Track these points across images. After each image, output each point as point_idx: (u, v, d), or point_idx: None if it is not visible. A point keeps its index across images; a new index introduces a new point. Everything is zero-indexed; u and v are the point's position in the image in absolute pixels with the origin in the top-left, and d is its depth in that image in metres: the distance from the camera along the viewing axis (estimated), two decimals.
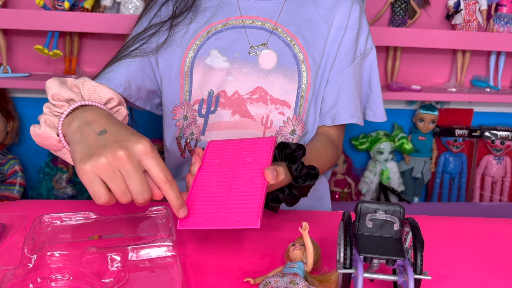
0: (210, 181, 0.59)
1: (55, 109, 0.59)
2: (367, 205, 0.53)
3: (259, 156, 0.61)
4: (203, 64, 0.84)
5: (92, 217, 0.62)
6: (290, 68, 0.84)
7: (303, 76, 0.84)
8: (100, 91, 0.60)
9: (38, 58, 1.41)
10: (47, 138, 0.59)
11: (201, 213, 0.54)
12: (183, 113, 0.87)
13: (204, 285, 0.55)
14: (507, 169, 1.64)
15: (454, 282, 0.59)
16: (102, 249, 0.53)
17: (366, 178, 1.58)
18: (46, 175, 1.46)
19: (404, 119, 1.64)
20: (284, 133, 0.86)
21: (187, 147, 0.87)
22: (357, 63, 0.88)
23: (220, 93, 0.84)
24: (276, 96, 0.84)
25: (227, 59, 0.84)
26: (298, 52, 0.84)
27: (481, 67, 1.62)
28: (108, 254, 0.52)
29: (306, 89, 0.84)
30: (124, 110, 0.63)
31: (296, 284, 0.49)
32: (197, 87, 0.85)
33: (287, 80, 0.83)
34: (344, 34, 0.86)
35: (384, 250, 0.50)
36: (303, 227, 0.56)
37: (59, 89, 0.58)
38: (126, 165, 0.49)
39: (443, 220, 0.79)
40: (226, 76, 0.84)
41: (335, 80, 0.87)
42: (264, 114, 0.84)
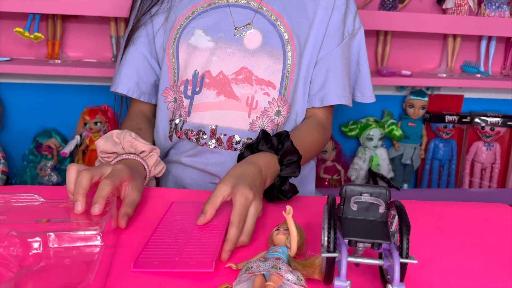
0: (169, 233, 0.61)
1: (105, 160, 0.75)
2: (352, 187, 0.51)
3: (221, 215, 0.63)
4: (187, 44, 0.84)
5: (39, 200, 0.64)
6: (275, 48, 0.82)
7: (288, 56, 0.83)
8: (135, 145, 0.74)
9: (20, 42, 1.37)
10: None
11: (157, 258, 0.55)
12: (173, 95, 0.87)
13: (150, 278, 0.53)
14: (497, 156, 1.64)
15: (442, 266, 0.58)
16: (23, 234, 0.53)
17: (355, 165, 1.57)
18: (30, 162, 1.43)
19: (394, 105, 1.62)
20: (269, 114, 0.84)
21: (175, 129, 0.86)
22: (346, 43, 0.86)
23: (205, 73, 0.83)
24: (261, 76, 0.82)
25: (211, 39, 0.83)
26: (284, 32, 0.83)
27: (472, 52, 1.61)
28: (28, 240, 0.53)
29: (291, 69, 0.83)
30: (155, 155, 0.76)
31: (279, 269, 0.48)
32: (182, 68, 0.85)
33: (272, 60, 0.82)
34: (332, 14, 0.85)
35: (369, 233, 0.49)
36: (287, 211, 0.54)
37: (105, 146, 0.74)
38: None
39: (431, 205, 0.78)
40: (210, 56, 0.83)
41: (324, 61, 0.86)
42: (249, 95, 0.83)
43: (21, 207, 0.63)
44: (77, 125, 1.45)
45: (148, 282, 0.51)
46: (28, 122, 1.44)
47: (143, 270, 0.53)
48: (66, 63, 1.33)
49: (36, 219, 0.60)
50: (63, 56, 1.40)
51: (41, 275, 0.50)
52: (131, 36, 0.87)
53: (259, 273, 0.48)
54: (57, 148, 1.43)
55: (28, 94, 1.43)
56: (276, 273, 0.47)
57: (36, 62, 1.32)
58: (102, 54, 1.42)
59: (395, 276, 0.46)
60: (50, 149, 1.42)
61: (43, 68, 1.29)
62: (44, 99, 1.44)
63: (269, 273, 0.48)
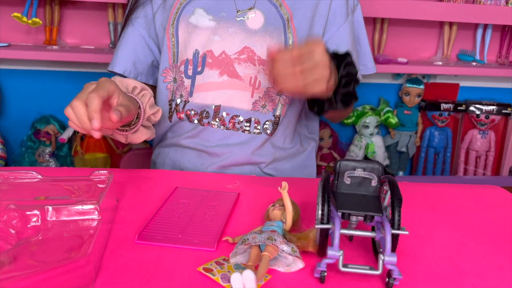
0: (173, 213, 0.62)
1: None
2: (346, 163, 0.53)
3: (223, 204, 0.66)
4: (187, 23, 0.84)
5: (37, 177, 0.64)
6: (277, 28, 0.83)
7: (288, 36, 0.84)
8: (125, 82, 0.75)
9: (18, 28, 1.37)
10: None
11: (161, 233, 0.57)
12: (172, 75, 0.87)
13: (151, 251, 0.55)
14: (491, 144, 1.65)
15: (433, 242, 0.59)
16: (22, 207, 0.54)
17: (351, 152, 1.59)
18: (29, 148, 1.44)
19: (391, 93, 1.63)
20: (271, 93, 0.85)
21: (175, 110, 0.87)
22: (350, 20, 0.88)
23: (207, 53, 0.83)
24: (264, 56, 0.83)
25: (213, 18, 0.83)
26: (284, 13, 0.84)
27: (468, 41, 1.62)
28: (27, 213, 0.54)
29: None
30: (148, 93, 0.76)
31: (274, 240, 0.49)
32: (182, 48, 0.85)
33: (274, 41, 0.83)
34: None
35: (362, 206, 0.50)
36: (283, 187, 0.55)
37: None
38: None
39: (424, 186, 0.80)
40: (212, 36, 0.83)
41: (333, 39, 0.87)
42: (252, 75, 0.83)
43: (20, 184, 0.64)
44: None
45: (147, 255, 0.53)
46: (26, 108, 1.45)
47: (147, 242, 0.54)
48: (63, 49, 1.34)
49: (34, 196, 0.61)
50: (60, 42, 1.40)
51: (39, 247, 0.51)
52: (129, 17, 0.87)
53: (255, 244, 0.49)
54: (55, 135, 1.44)
55: (26, 80, 1.44)
56: (272, 244, 0.49)
57: (34, 48, 1.33)
58: (99, 41, 1.43)
59: (387, 246, 0.47)
60: (48, 135, 1.43)
61: (41, 54, 1.29)
62: (42, 85, 1.45)
63: (264, 245, 0.49)
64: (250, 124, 0.85)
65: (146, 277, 0.49)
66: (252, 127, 0.85)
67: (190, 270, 0.50)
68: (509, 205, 0.73)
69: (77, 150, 1.46)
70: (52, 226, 0.54)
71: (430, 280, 0.51)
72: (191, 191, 0.69)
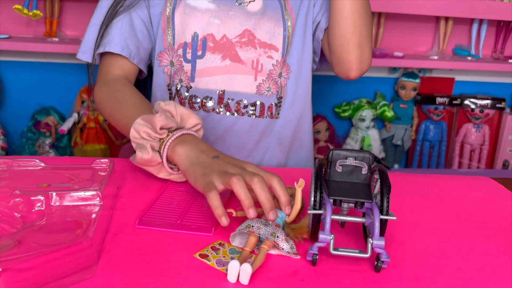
0: (172, 200, 0.64)
1: (155, 135, 0.64)
2: (338, 152, 0.55)
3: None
4: (184, 4, 0.83)
5: (40, 165, 0.66)
6: (275, 11, 0.84)
7: (286, 18, 0.85)
8: (191, 118, 0.67)
9: (18, 20, 1.39)
10: (152, 161, 0.65)
11: (160, 219, 0.59)
12: (169, 58, 0.85)
13: (150, 236, 0.57)
14: (485, 137, 1.68)
15: (421, 228, 0.62)
16: (27, 193, 0.56)
17: (347, 145, 1.61)
18: (29, 139, 1.46)
19: (387, 87, 1.66)
20: (274, 76, 0.86)
21: (177, 95, 0.86)
22: None
23: (207, 36, 0.83)
24: (264, 39, 0.84)
25: (212, 0, 0.83)
26: None
27: (464, 36, 1.64)
28: (31, 198, 0.56)
29: (292, 31, 0.85)
30: (202, 129, 0.69)
31: (277, 237, 0.51)
32: (179, 30, 0.83)
33: (273, 23, 0.84)
34: None
35: (352, 193, 0.53)
36: (299, 184, 0.57)
37: (165, 121, 0.64)
38: (255, 178, 0.55)
39: (415, 177, 0.82)
40: (212, 19, 0.83)
41: (318, 4, 0.86)
42: (254, 58, 0.84)
43: (23, 171, 0.66)
44: (75, 103, 1.48)
45: (146, 239, 0.55)
46: (26, 100, 1.47)
47: (147, 227, 0.57)
48: (64, 41, 1.35)
49: (37, 183, 0.64)
50: (60, 34, 1.42)
51: (43, 230, 0.53)
52: (120, 1, 0.81)
53: (257, 235, 0.52)
54: (55, 126, 1.46)
55: (27, 72, 1.45)
56: (274, 241, 0.51)
57: (34, 40, 1.34)
58: None
59: (375, 230, 0.50)
60: (48, 127, 1.45)
61: (41, 46, 1.31)
62: (43, 77, 1.47)
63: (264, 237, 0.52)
64: (256, 108, 0.86)
65: (145, 260, 0.51)
66: (257, 111, 0.86)
67: (188, 254, 0.52)
68: (499, 195, 0.76)
69: (76, 141, 1.48)
70: (55, 211, 0.57)
71: (417, 263, 0.53)
72: None
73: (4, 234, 0.54)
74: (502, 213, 0.68)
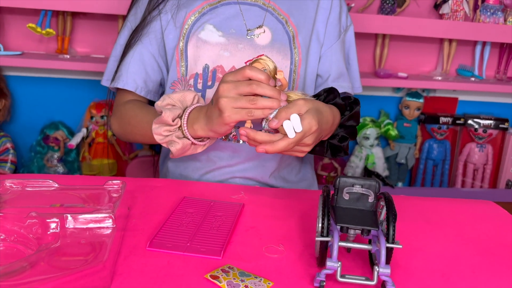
0: (181, 222, 0.66)
1: (173, 128, 0.75)
2: (345, 179, 0.57)
3: (228, 214, 0.70)
4: (197, 38, 0.87)
5: (54, 185, 0.69)
6: (284, 44, 0.87)
7: (294, 52, 0.88)
8: (188, 96, 0.77)
9: (30, 37, 1.42)
10: (184, 148, 0.76)
11: (170, 241, 0.61)
12: (181, 87, 0.87)
13: (143, 257, 0.58)
14: (489, 157, 1.69)
15: (426, 255, 0.63)
16: (42, 215, 0.58)
17: (352, 163, 1.62)
18: (38, 153, 1.48)
19: (391, 106, 1.67)
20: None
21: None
22: (342, 39, 0.93)
23: (217, 68, 0.87)
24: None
25: (222, 34, 0.87)
26: (290, 30, 0.88)
27: (467, 56, 1.66)
28: (47, 220, 0.58)
29: (298, 64, 0.88)
30: (199, 96, 0.79)
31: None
32: (191, 62, 0.87)
33: (281, 56, 0.87)
34: (330, 14, 0.91)
35: (359, 220, 0.54)
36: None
37: (172, 113, 0.74)
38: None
39: (420, 200, 0.83)
40: (222, 51, 0.86)
41: (326, 56, 0.91)
42: None
43: (37, 192, 0.68)
44: (84, 118, 1.50)
45: (157, 262, 0.56)
46: (36, 114, 1.49)
47: (157, 249, 0.58)
48: (74, 58, 1.38)
49: (50, 203, 0.65)
50: (72, 51, 1.44)
51: (57, 253, 0.55)
52: (137, 33, 0.89)
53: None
54: (63, 140, 1.48)
55: (37, 87, 1.48)
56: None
57: (46, 57, 1.37)
58: (109, 50, 1.46)
59: (381, 259, 0.51)
60: (57, 141, 1.47)
61: (53, 63, 1.34)
62: (53, 92, 1.49)
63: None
64: None
65: (157, 283, 0.52)
66: None
67: (198, 276, 0.54)
68: (501, 220, 0.77)
69: (84, 156, 1.50)
70: (70, 233, 0.58)
71: None
72: (198, 201, 0.73)
73: (19, 255, 0.55)
74: (504, 239, 0.69)
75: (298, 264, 0.58)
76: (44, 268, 0.52)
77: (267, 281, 0.53)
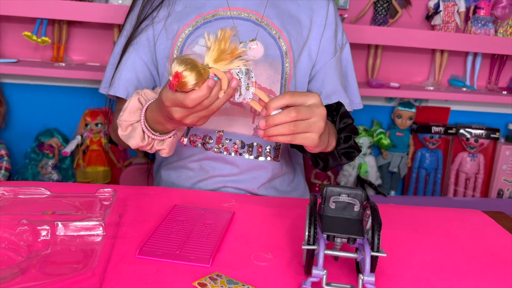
0: (171, 230, 0.67)
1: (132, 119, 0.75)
2: (332, 188, 0.58)
3: (219, 222, 0.70)
4: (191, 52, 0.88)
5: (45, 193, 0.69)
6: (275, 59, 0.88)
7: (285, 67, 0.89)
8: (144, 91, 0.77)
9: (26, 45, 1.43)
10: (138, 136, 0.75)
11: (160, 249, 0.61)
12: None
13: (133, 265, 0.59)
14: (480, 166, 1.71)
15: (412, 263, 0.64)
16: (33, 222, 0.59)
17: (345, 171, 1.64)
18: (32, 160, 1.48)
19: (383, 115, 1.69)
20: None
21: None
22: (338, 57, 0.94)
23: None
24: (264, 85, 0.88)
25: None
26: (283, 45, 0.89)
27: (459, 67, 1.68)
28: (37, 227, 0.59)
29: (288, 79, 0.90)
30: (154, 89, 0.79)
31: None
32: None
33: (273, 70, 0.88)
34: (324, 31, 0.92)
35: (345, 229, 0.55)
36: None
37: (132, 116, 0.75)
38: None
39: (409, 209, 0.84)
40: None
41: (320, 73, 0.93)
42: None
43: (29, 199, 0.69)
44: (79, 126, 1.51)
45: (146, 269, 0.57)
46: (31, 121, 1.50)
47: (147, 257, 0.59)
48: (70, 66, 1.39)
49: (42, 211, 0.66)
50: (67, 59, 1.46)
51: (47, 260, 0.56)
52: (131, 41, 0.90)
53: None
54: (58, 148, 1.48)
55: (33, 94, 1.49)
56: None
57: (41, 65, 1.38)
58: (104, 58, 1.48)
59: (366, 267, 0.52)
60: (52, 148, 1.48)
61: (48, 71, 1.35)
62: (48, 99, 1.50)
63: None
64: (252, 149, 0.89)
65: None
66: (254, 151, 0.89)
67: (186, 284, 0.54)
68: (488, 229, 0.78)
69: (79, 163, 1.50)
70: (60, 240, 0.59)
71: None
72: (189, 209, 0.74)
73: (10, 261, 0.56)
74: (490, 248, 0.70)
75: (286, 272, 0.59)
76: (35, 275, 0.53)
77: None
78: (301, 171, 1.02)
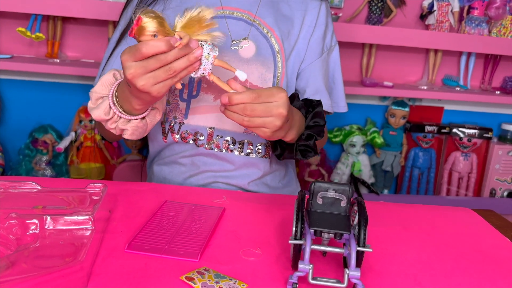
0: (161, 225, 0.67)
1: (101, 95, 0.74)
2: (319, 184, 0.58)
3: (209, 218, 0.71)
4: None
5: (36, 187, 0.70)
6: (267, 58, 0.89)
7: (278, 65, 0.90)
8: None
9: (20, 41, 1.43)
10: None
11: (149, 244, 0.62)
12: (166, 98, 0.91)
13: (122, 260, 0.60)
14: (473, 166, 1.72)
15: (400, 259, 0.65)
16: (22, 216, 0.59)
17: (338, 170, 1.64)
18: (26, 156, 1.48)
19: (377, 114, 1.70)
20: None
21: (170, 131, 0.91)
22: (324, 58, 0.94)
23: (202, 78, 0.88)
24: (255, 83, 0.89)
25: None
26: (274, 43, 0.90)
27: (453, 67, 1.69)
28: (26, 221, 0.59)
29: (281, 77, 0.90)
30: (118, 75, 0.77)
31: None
32: None
33: (264, 69, 0.89)
34: (314, 31, 0.93)
35: (332, 224, 0.56)
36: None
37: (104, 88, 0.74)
38: None
39: (400, 207, 0.85)
40: None
41: (305, 72, 0.93)
42: None
43: (19, 193, 0.69)
44: (73, 122, 1.51)
45: (135, 263, 0.57)
46: (25, 117, 1.50)
47: (136, 252, 0.60)
48: (64, 63, 1.39)
49: (32, 205, 0.66)
50: (62, 55, 1.45)
51: (36, 253, 0.56)
52: (124, 35, 0.89)
53: None
54: (52, 144, 1.48)
55: (27, 90, 1.49)
56: None
57: (36, 61, 1.38)
58: (99, 55, 1.48)
59: (351, 262, 0.53)
60: (46, 144, 1.48)
61: (43, 67, 1.34)
62: (42, 96, 1.50)
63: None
64: (243, 146, 0.90)
65: (133, 284, 0.53)
66: (245, 149, 0.90)
67: (173, 278, 0.55)
68: (478, 227, 0.79)
69: (72, 159, 1.50)
70: (49, 234, 0.59)
71: None
72: (179, 205, 0.74)
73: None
74: (479, 245, 0.71)
75: (274, 267, 0.59)
76: (23, 267, 0.54)
77: (242, 283, 0.55)
78: (293, 168, 1.03)
